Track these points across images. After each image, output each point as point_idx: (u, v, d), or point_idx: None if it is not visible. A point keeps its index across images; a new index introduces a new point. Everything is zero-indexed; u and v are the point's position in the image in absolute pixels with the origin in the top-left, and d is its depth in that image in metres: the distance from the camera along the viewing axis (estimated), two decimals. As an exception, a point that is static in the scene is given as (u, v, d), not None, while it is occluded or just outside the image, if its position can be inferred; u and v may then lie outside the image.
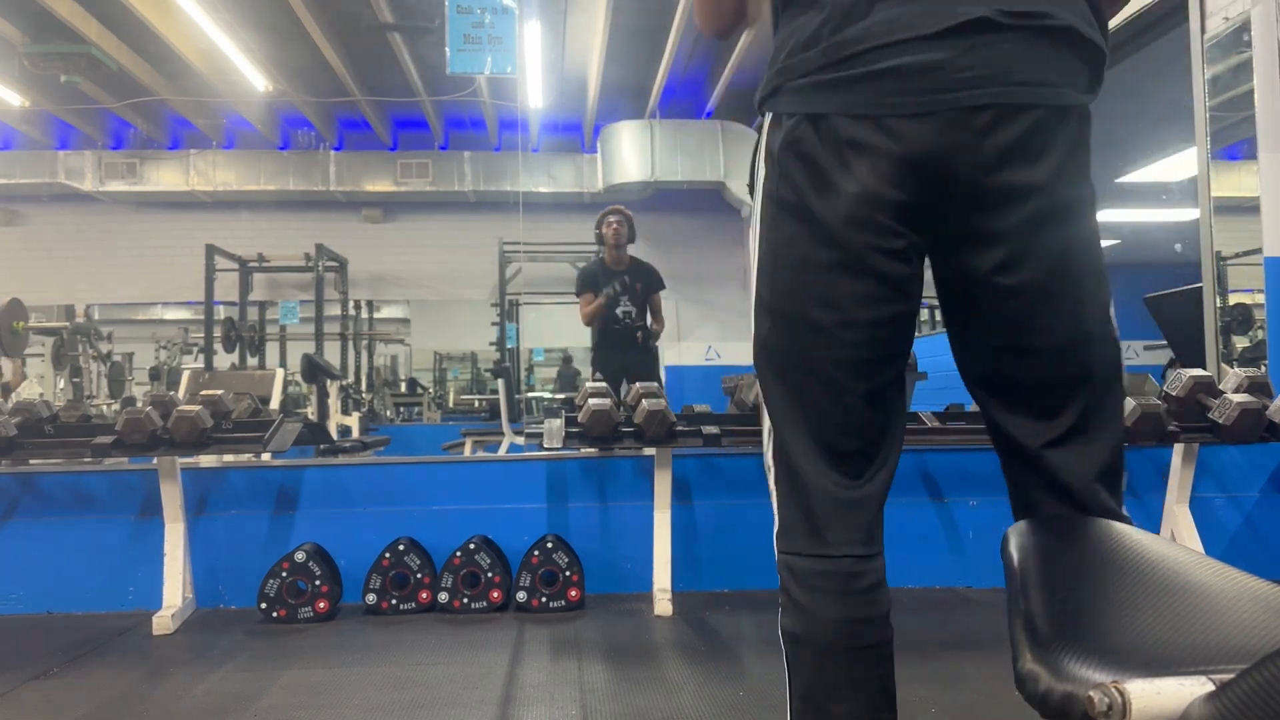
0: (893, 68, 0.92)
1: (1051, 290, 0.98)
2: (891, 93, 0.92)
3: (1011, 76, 0.91)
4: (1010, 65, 0.91)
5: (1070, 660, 0.62)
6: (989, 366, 1.04)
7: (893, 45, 0.92)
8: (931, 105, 0.91)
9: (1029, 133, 0.92)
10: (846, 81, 0.94)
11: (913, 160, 0.93)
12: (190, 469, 3.17)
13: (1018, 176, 0.93)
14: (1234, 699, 0.51)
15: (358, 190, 10.69)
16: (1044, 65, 0.93)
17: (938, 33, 0.91)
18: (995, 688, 2.06)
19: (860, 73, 0.93)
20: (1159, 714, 0.55)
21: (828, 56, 0.95)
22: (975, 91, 0.91)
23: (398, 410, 11.89)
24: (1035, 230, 0.95)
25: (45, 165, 10.27)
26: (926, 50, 0.91)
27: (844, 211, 0.97)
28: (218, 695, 2.17)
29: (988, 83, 0.91)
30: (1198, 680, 0.56)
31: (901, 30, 0.92)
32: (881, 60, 0.92)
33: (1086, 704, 0.58)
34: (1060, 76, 0.94)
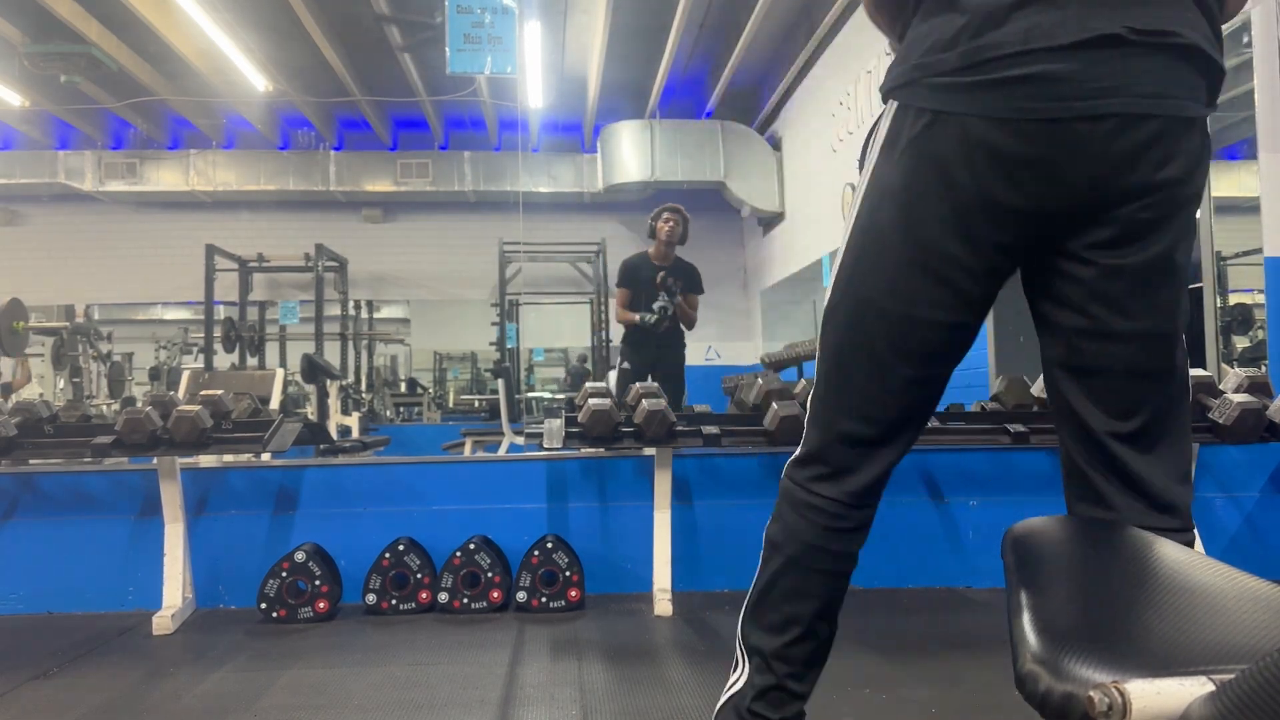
0: (1027, 75, 0.97)
1: (1151, 278, 1.03)
2: (1024, 98, 0.98)
3: (1136, 88, 0.97)
4: (1136, 78, 0.97)
5: (1070, 660, 0.62)
6: (1074, 351, 1.07)
7: (1028, 54, 0.97)
8: (1061, 112, 0.97)
9: (1151, 140, 0.98)
10: (983, 85, 0.99)
11: (1039, 161, 0.99)
12: (190, 469, 3.17)
13: (1138, 178, 0.99)
14: (1234, 699, 0.51)
15: (358, 190, 10.69)
16: (1167, 79, 0.98)
17: (1070, 45, 0.96)
18: (995, 688, 2.06)
19: (996, 78, 0.99)
20: (1159, 714, 0.55)
21: (966, 59, 1.00)
22: (1102, 101, 0.96)
23: (397, 410, 11.89)
24: (1147, 222, 1.00)
25: (45, 165, 10.27)
26: (1059, 60, 0.97)
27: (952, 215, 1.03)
28: (218, 695, 2.17)
29: (1114, 93, 0.97)
30: (1198, 680, 0.56)
31: (1037, 40, 0.97)
32: (1016, 67, 0.98)
33: (1086, 704, 0.58)
34: (1183, 90, 0.99)
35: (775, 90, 8.99)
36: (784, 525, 1.21)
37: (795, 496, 1.20)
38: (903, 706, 2.00)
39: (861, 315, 1.12)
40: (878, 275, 1.10)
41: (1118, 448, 1.05)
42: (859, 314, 1.12)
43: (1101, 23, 0.96)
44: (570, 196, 10.78)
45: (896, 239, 1.07)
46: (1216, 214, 3.84)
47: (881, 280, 1.09)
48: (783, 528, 1.21)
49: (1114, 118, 0.97)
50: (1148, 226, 1.01)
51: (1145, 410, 1.05)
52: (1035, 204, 1.01)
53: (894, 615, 2.82)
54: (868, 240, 1.11)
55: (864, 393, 1.14)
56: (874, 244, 1.10)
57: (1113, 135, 0.97)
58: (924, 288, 1.07)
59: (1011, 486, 3.14)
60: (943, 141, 1.02)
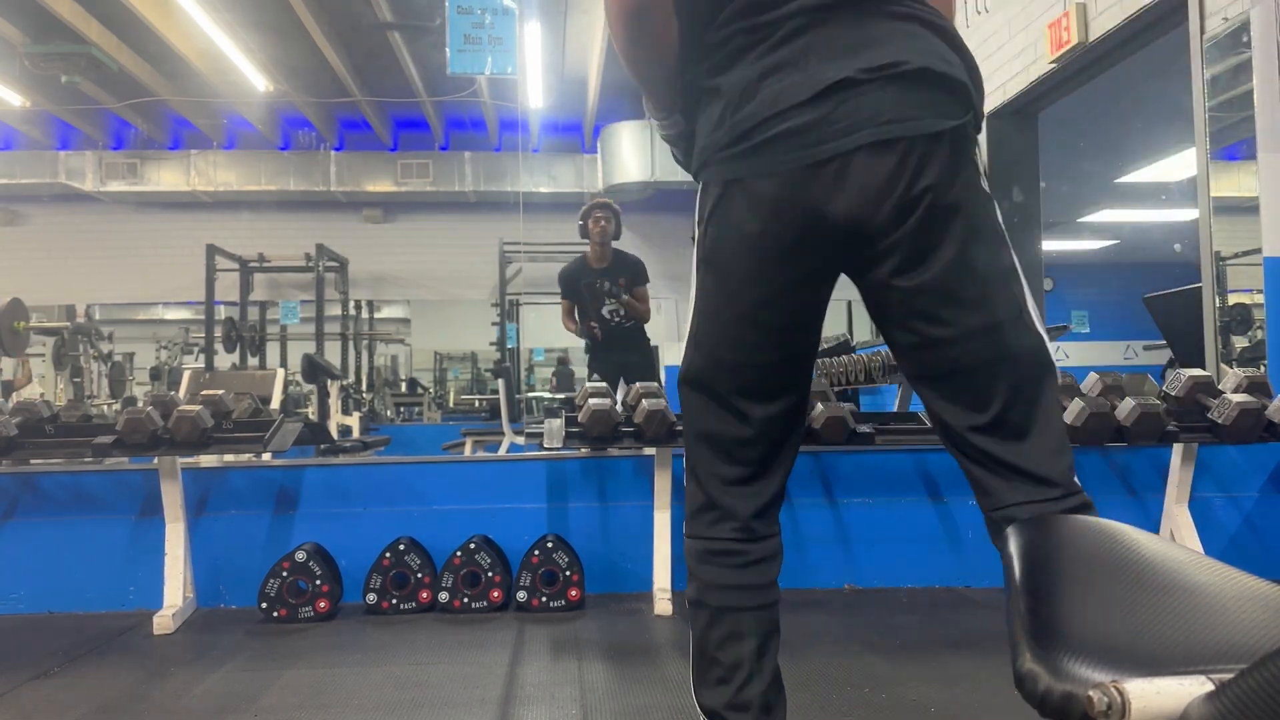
0: (780, 132, 1.10)
1: (950, 286, 1.11)
2: (783, 151, 1.11)
3: (876, 119, 1.08)
4: (874, 111, 1.08)
5: (1070, 660, 0.62)
6: (915, 362, 1.19)
7: (778, 115, 1.10)
8: (816, 156, 1.09)
9: (902, 160, 1.08)
10: (748, 151, 1.13)
11: (811, 203, 1.10)
12: (191, 469, 3.17)
13: (900, 197, 1.08)
14: (1233, 699, 0.51)
15: (358, 190, 10.69)
16: (906, 104, 1.09)
17: (810, 98, 1.09)
18: (995, 687, 2.06)
19: (757, 142, 1.12)
20: (1158, 713, 0.55)
21: (733, 133, 1.14)
22: (848, 138, 1.08)
23: (398, 410, 11.90)
24: (922, 237, 1.10)
25: (46, 165, 10.28)
26: (805, 113, 1.09)
27: (754, 264, 1.16)
28: (218, 695, 2.17)
29: (857, 128, 1.08)
30: (1197, 680, 0.56)
31: (783, 101, 1.10)
32: (771, 128, 1.11)
33: (1086, 703, 0.58)
34: (924, 110, 1.09)
35: (775, 90, 8.98)
36: (698, 581, 1.27)
37: (698, 550, 1.27)
38: (902, 706, 2.00)
39: (708, 369, 1.24)
40: (714, 334, 1.23)
41: (980, 439, 1.14)
42: (706, 369, 1.24)
43: (834, 71, 1.08)
44: (570, 197, 10.77)
45: (722, 299, 1.21)
46: (1216, 214, 3.84)
47: (718, 337, 1.23)
48: (698, 584, 1.27)
49: (862, 150, 1.07)
50: (924, 244, 1.10)
51: (997, 399, 1.13)
52: (818, 240, 1.13)
53: (893, 614, 2.82)
54: (703, 305, 1.25)
55: (726, 439, 1.25)
56: (706, 307, 1.24)
57: (866, 165, 1.08)
58: (753, 336, 1.20)
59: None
60: (733, 205, 1.16)
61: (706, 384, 1.25)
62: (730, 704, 1.22)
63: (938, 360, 1.16)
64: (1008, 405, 1.13)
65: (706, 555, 1.26)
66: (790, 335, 1.22)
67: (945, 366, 1.16)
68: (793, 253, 1.15)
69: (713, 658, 1.24)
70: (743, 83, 1.14)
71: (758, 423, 1.24)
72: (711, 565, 1.25)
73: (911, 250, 1.11)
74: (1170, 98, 4.85)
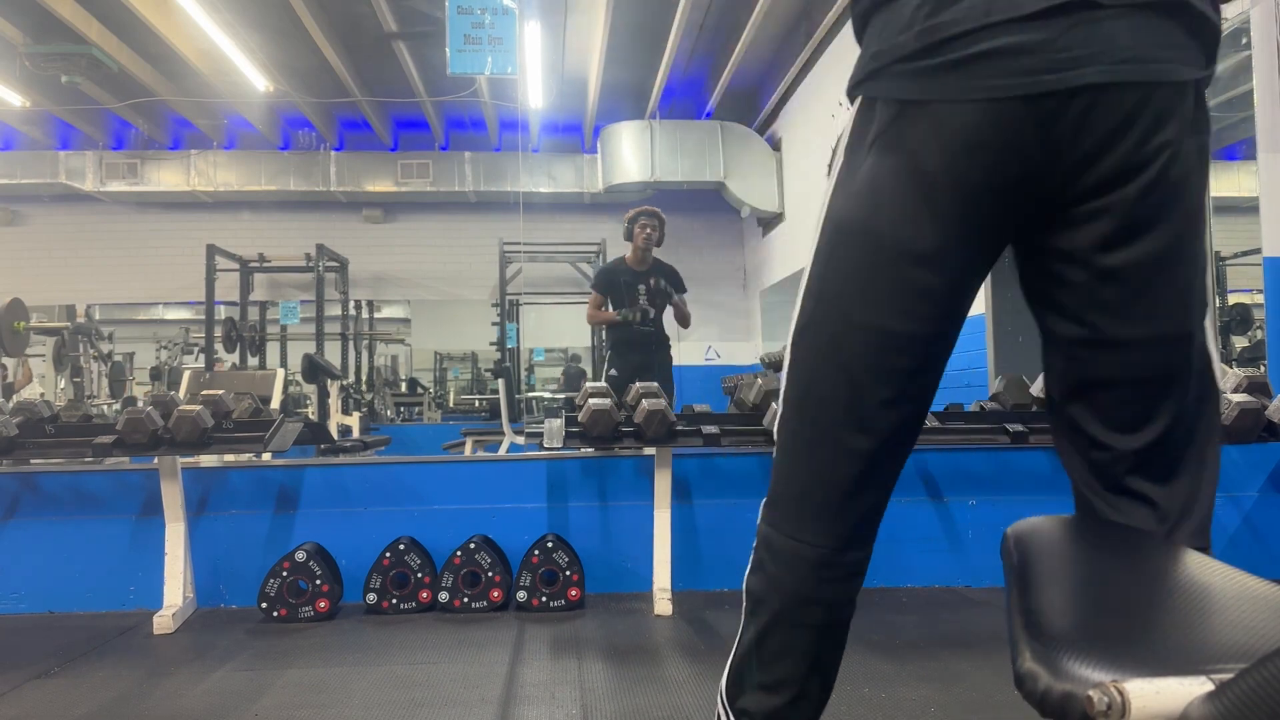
0: (991, 49, 0.89)
1: (1155, 276, 0.92)
2: (989, 76, 0.89)
3: (1115, 54, 0.87)
4: (1114, 43, 0.87)
5: (1070, 659, 0.62)
6: (1073, 362, 0.98)
7: (991, 27, 0.89)
8: (1033, 87, 0.88)
9: (1137, 109, 0.88)
10: (944, 67, 0.91)
11: (1014, 144, 0.90)
12: (191, 469, 3.17)
13: (1129, 153, 0.89)
14: (1233, 699, 0.51)
15: (358, 190, 10.69)
16: (1151, 41, 0.89)
17: (1037, 12, 0.87)
18: (995, 687, 2.06)
19: (957, 57, 0.90)
20: (1158, 713, 0.55)
21: (923, 40, 0.92)
22: (1075, 72, 0.87)
23: (398, 410, 11.90)
24: (1145, 206, 0.90)
25: (46, 165, 10.28)
26: (1026, 31, 0.88)
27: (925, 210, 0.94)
28: (219, 695, 2.17)
29: (1090, 61, 0.87)
30: (1197, 680, 0.56)
31: (1000, 11, 0.88)
32: (979, 43, 0.89)
33: (1086, 703, 0.58)
34: (1170, 52, 0.89)
35: (775, 91, 8.99)
36: (766, 576, 1.08)
37: (776, 544, 1.08)
38: (902, 705, 2.00)
39: (834, 334, 1.02)
40: (849, 289, 1.00)
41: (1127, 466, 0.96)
42: (831, 333, 1.02)
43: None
44: (570, 197, 10.78)
45: (867, 246, 0.98)
46: (1215, 214, 3.85)
47: (853, 294, 1.00)
48: (764, 579, 1.08)
49: (1089, 89, 0.87)
50: (1144, 216, 0.91)
51: (1158, 422, 0.94)
52: (1014, 190, 0.93)
53: (893, 614, 2.82)
54: (835, 252, 1.02)
55: (841, 420, 1.02)
56: (842, 255, 1.01)
57: (1090, 109, 0.88)
58: (899, 298, 0.97)
59: (1010, 486, 3.14)
60: (911, 132, 0.94)
61: (831, 350, 1.02)
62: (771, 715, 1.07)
63: (1105, 364, 0.95)
64: (1169, 431, 0.95)
65: (784, 553, 1.06)
66: (946, 301, 0.98)
67: (1112, 373, 0.95)
68: (976, 200, 0.93)
69: (763, 664, 1.08)
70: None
71: (884, 405, 1.01)
72: (787, 566, 1.06)
73: (1126, 220, 0.90)
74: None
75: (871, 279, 0.98)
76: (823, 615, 1.07)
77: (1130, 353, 0.94)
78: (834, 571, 1.05)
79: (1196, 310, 0.95)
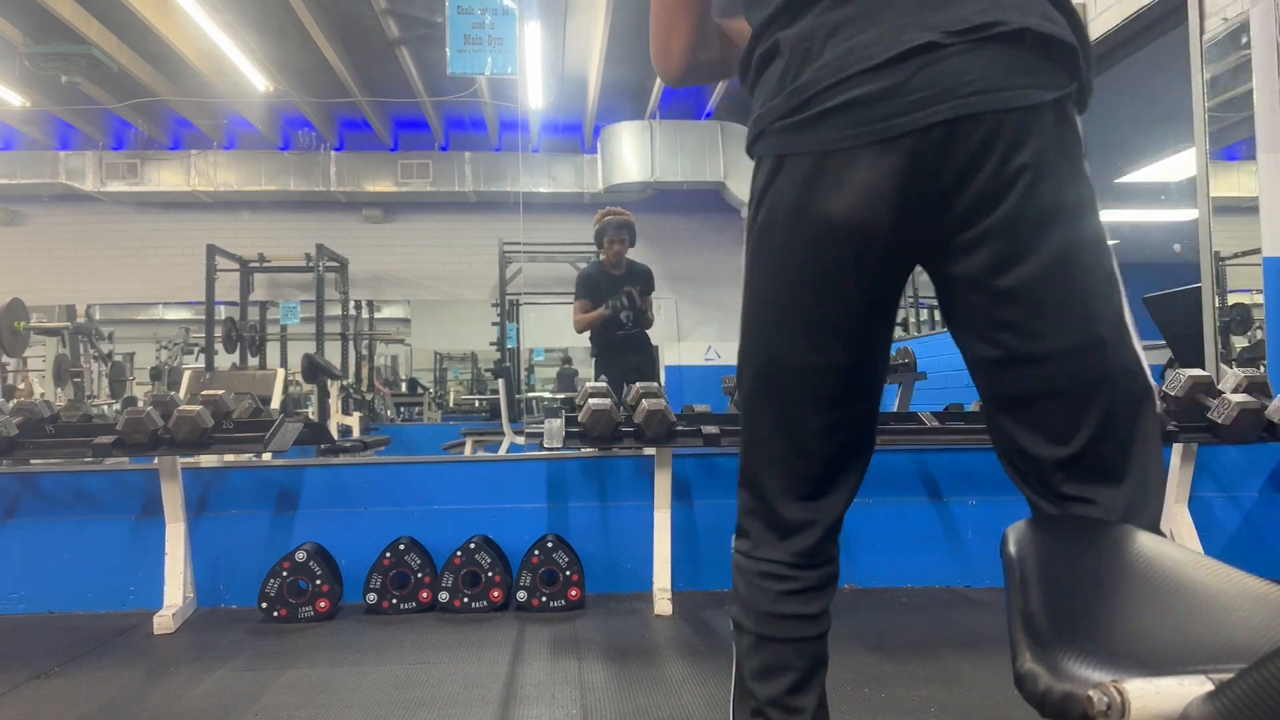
0: (848, 100, 0.95)
1: (1052, 290, 0.95)
2: (849, 125, 0.95)
3: (963, 89, 0.92)
4: (961, 79, 0.92)
5: (1070, 659, 0.62)
6: (995, 381, 1.02)
7: (845, 81, 0.95)
8: (889, 130, 0.93)
9: (990, 137, 0.92)
10: (809, 121, 0.97)
11: (882, 185, 0.95)
12: (191, 469, 3.17)
13: (989, 178, 0.93)
14: (1233, 699, 0.51)
15: (358, 190, 10.69)
16: (999, 71, 0.93)
17: (885, 61, 0.93)
18: (995, 687, 2.06)
19: (819, 110, 0.96)
20: (1158, 713, 0.55)
21: (791, 101, 0.99)
22: (931, 110, 0.92)
23: (398, 410, 11.90)
24: (1022, 226, 0.94)
25: (46, 165, 10.28)
26: (878, 79, 0.93)
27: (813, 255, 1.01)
28: (219, 695, 2.17)
29: (941, 99, 0.92)
30: (1197, 680, 0.56)
31: (852, 65, 0.94)
32: (836, 96, 0.95)
33: (1086, 703, 0.58)
34: (1021, 78, 0.93)
35: (775, 90, 8.98)
36: (741, 601, 1.14)
37: (744, 568, 1.15)
38: (902, 706, 2.00)
39: (765, 369, 1.10)
40: (768, 330, 1.09)
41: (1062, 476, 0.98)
42: (763, 368, 1.10)
43: (915, 33, 0.92)
44: (570, 197, 10.78)
45: (774, 286, 1.06)
46: (1215, 214, 3.85)
47: (771, 330, 1.08)
48: (740, 604, 1.14)
49: (941, 125, 0.92)
50: (1022, 236, 0.94)
51: (1085, 430, 0.96)
52: (890, 229, 0.97)
53: (893, 614, 2.82)
54: (753, 292, 1.10)
55: (784, 446, 1.10)
56: (758, 299, 1.09)
57: (945, 143, 0.92)
58: (810, 333, 1.04)
59: (1011, 486, 3.14)
60: (787, 183, 1.00)
61: (764, 384, 1.11)
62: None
63: (1024, 380, 0.98)
64: (1099, 437, 0.96)
65: (752, 576, 1.13)
66: (855, 333, 1.05)
67: (1032, 388, 0.98)
68: (857, 240, 0.98)
69: (749, 689, 1.12)
70: (806, 40, 0.98)
71: (819, 433, 1.08)
72: (755, 587, 1.12)
73: (1005, 242, 0.94)
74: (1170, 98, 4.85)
75: (785, 316, 1.06)
76: (794, 630, 1.11)
77: (1043, 367, 0.97)
78: (796, 584, 1.11)
79: (1106, 316, 0.97)
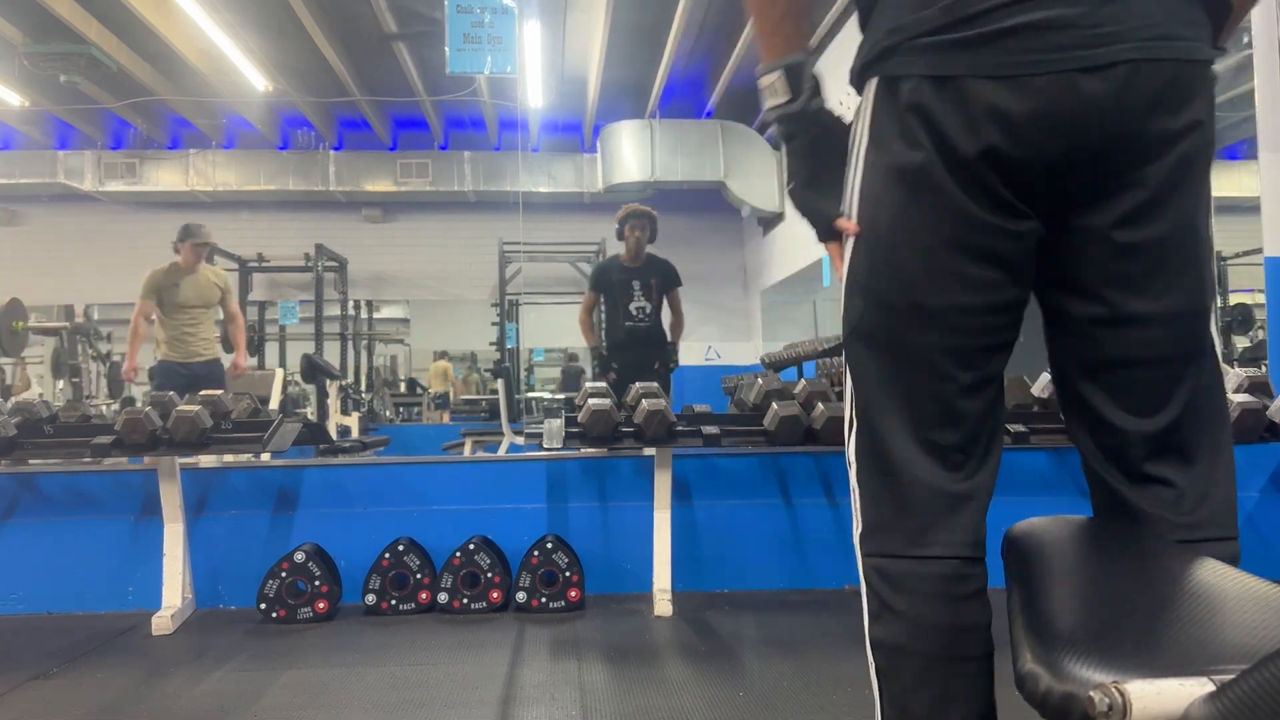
0: (1024, 24, 0.87)
1: (1173, 251, 0.92)
2: (1023, 50, 0.87)
3: (1147, 30, 0.87)
4: (1145, 19, 0.87)
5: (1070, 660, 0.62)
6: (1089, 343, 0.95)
7: (1022, 1, 0.87)
8: (1066, 63, 0.87)
9: (1167, 86, 0.88)
10: (975, 40, 0.88)
11: (1048, 120, 0.88)
12: (190, 469, 3.17)
13: (1155, 130, 0.89)
14: (1234, 699, 0.51)
15: (357, 190, 10.70)
16: (1178, 19, 0.89)
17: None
18: (995, 688, 2.06)
19: (989, 30, 0.88)
20: (1159, 714, 0.55)
21: (951, 14, 0.89)
22: (1111, 48, 0.87)
23: (397, 410, 11.89)
24: (1170, 181, 0.90)
25: (45, 165, 10.28)
26: (1059, 6, 0.86)
27: (969, 183, 0.91)
28: (217, 695, 2.17)
29: (1122, 38, 0.87)
30: (1198, 680, 0.56)
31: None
32: (1011, 17, 0.87)
33: (1087, 704, 0.58)
34: (1193, 30, 0.90)
35: (775, 90, 8.98)
36: (896, 618, 0.94)
37: (895, 573, 0.95)
38: (903, 706, 1.99)
39: (899, 319, 0.95)
40: (904, 274, 0.95)
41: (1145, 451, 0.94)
42: (896, 319, 0.95)
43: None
44: (570, 196, 10.78)
45: (920, 223, 0.93)
46: (1216, 214, 3.84)
47: (910, 278, 0.94)
48: (896, 622, 0.94)
49: (1124, 64, 0.87)
50: (1168, 191, 0.90)
51: (1175, 403, 0.93)
52: (1049, 163, 0.90)
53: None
54: (879, 241, 0.96)
55: (929, 407, 0.95)
56: (887, 241, 0.95)
57: (1123, 85, 0.87)
58: (962, 268, 0.92)
59: (1011, 486, 3.12)
60: (939, 107, 0.90)
61: (897, 340, 0.95)
62: None
63: (1124, 343, 0.93)
64: (1185, 414, 0.93)
65: (912, 579, 0.94)
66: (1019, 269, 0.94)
67: (1131, 353, 0.93)
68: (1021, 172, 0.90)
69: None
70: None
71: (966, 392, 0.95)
72: (919, 595, 0.93)
73: (1151, 194, 0.90)
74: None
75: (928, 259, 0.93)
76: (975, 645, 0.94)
77: (1148, 329, 0.93)
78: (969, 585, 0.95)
79: (1209, 286, 0.95)
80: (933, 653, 0.93)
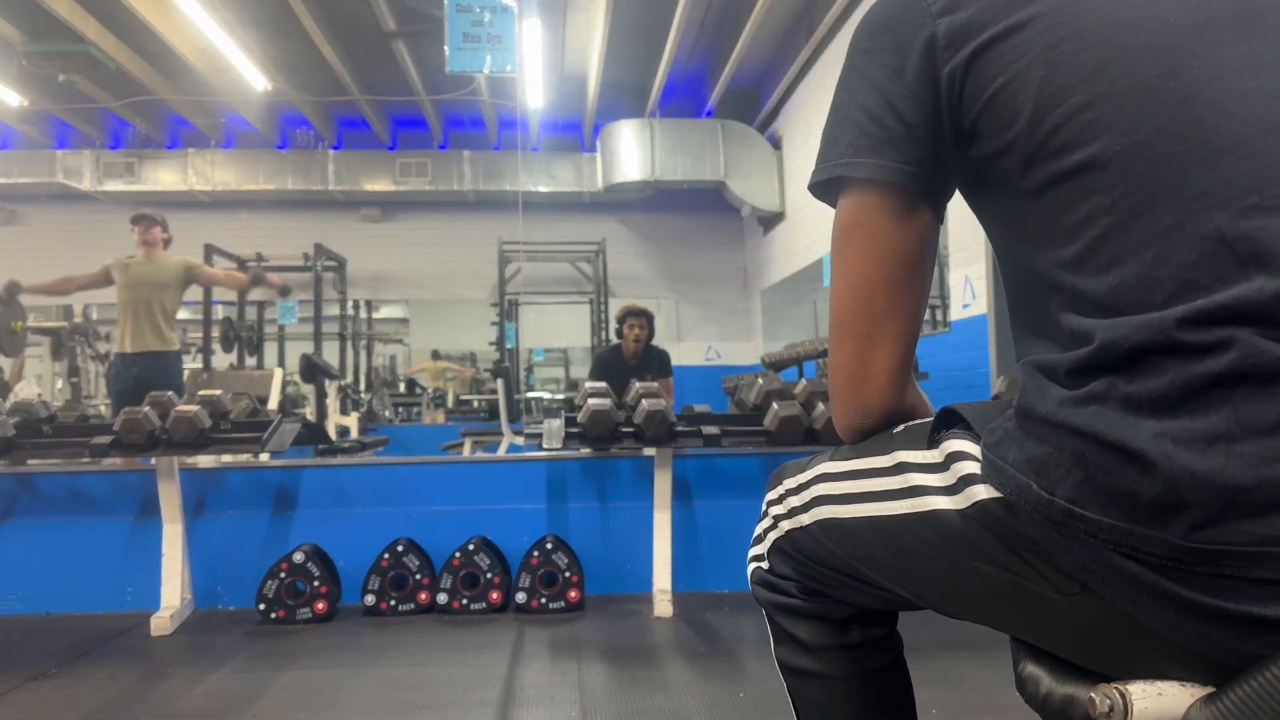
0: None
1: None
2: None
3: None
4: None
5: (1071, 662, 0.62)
6: None
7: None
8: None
9: None
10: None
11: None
12: (188, 469, 3.16)
13: None
14: (1234, 701, 0.51)
15: (356, 190, 10.68)
16: None
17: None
18: (996, 689, 2.06)
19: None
20: (1160, 716, 0.55)
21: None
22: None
23: (396, 410, 11.88)
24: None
25: (44, 164, 10.26)
26: None
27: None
28: (216, 696, 2.16)
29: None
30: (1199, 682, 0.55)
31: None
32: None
33: (1088, 706, 0.58)
34: None
35: (775, 90, 8.99)
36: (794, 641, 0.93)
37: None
38: (902, 707, 1.99)
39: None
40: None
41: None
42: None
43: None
44: (570, 196, 10.77)
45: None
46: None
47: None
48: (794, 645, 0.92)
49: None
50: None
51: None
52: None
53: (893, 615, 2.81)
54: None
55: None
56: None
57: None
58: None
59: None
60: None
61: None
62: None
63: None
64: None
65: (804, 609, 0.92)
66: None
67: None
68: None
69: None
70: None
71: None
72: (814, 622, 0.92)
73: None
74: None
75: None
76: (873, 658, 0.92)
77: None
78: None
79: None
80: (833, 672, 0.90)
